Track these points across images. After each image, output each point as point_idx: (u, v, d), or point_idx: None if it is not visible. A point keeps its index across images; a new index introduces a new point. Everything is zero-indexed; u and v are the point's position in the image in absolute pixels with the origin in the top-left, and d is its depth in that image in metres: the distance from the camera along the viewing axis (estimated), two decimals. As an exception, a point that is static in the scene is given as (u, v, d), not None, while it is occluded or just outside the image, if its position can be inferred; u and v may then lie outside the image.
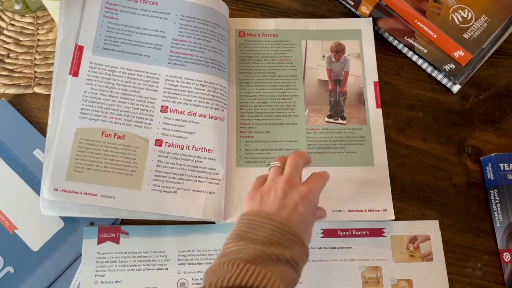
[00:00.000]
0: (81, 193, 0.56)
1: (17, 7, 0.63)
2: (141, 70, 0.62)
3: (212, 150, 0.60)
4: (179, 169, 0.59)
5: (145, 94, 0.61)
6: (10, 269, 0.58)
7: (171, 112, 0.61)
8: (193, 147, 0.60)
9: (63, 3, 0.61)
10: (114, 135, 0.59)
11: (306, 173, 0.52)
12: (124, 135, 0.59)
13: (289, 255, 0.44)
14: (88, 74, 0.61)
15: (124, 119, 0.60)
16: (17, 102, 0.65)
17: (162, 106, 0.61)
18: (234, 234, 0.46)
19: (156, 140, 0.59)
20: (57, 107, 0.59)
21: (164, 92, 0.61)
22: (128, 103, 0.60)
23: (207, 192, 0.58)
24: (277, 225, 0.45)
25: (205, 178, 0.59)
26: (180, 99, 0.61)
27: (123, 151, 0.59)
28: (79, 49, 0.61)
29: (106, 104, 0.60)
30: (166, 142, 0.59)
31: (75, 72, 0.60)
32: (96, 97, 0.60)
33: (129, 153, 0.59)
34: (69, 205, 0.57)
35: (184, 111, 0.61)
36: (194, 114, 0.61)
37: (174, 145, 0.60)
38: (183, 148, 0.59)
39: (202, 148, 0.60)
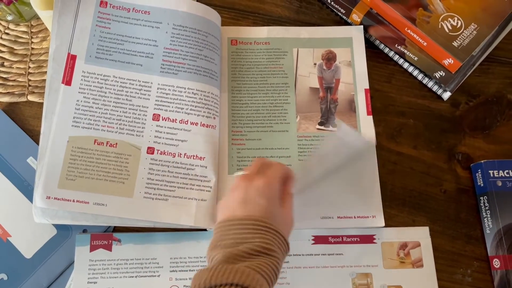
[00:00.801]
0: (73, 201, 0.57)
1: (9, 17, 0.64)
2: (133, 78, 0.62)
3: (204, 157, 0.60)
4: (171, 176, 0.59)
5: (137, 103, 0.61)
6: (3, 276, 0.58)
7: (163, 120, 0.61)
8: (184, 154, 0.60)
9: (56, 13, 0.62)
10: (107, 143, 0.60)
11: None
12: (116, 143, 0.60)
13: (257, 245, 0.45)
14: (80, 83, 0.61)
15: (117, 127, 0.60)
16: (11, 110, 0.66)
17: (154, 114, 0.61)
18: (209, 247, 0.48)
19: (148, 148, 0.60)
20: (49, 116, 0.60)
21: (156, 100, 0.62)
22: (120, 112, 0.61)
23: (199, 200, 0.59)
24: (240, 222, 0.47)
25: (196, 185, 0.59)
26: (172, 107, 0.62)
27: (115, 159, 0.59)
28: (71, 58, 0.62)
29: (99, 113, 0.60)
30: (158, 150, 0.60)
31: (67, 81, 0.61)
32: (88, 105, 0.61)
33: (121, 161, 0.59)
34: (61, 212, 0.57)
35: (176, 119, 0.61)
36: (186, 122, 0.61)
37: (166, 153, 0.60)
38: (174, 156, 0.60)
39: (193, 156, 0.60)
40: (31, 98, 0.66)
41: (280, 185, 0.51)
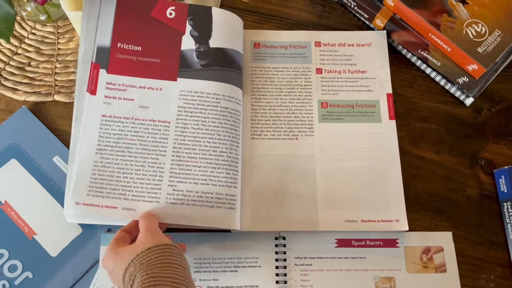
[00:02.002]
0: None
1: (42, 17, 0.65)
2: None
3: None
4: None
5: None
6: (29, 274, 0.59)
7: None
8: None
9: (85, 16, 0.62)
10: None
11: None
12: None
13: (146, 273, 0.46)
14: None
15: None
16: (37, 109, 0.66)
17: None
18: None
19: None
20: (79, 119, 0.60)
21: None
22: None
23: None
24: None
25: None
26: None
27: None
28: (95, 68, 0.62)
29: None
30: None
31: (92, 90, 0.61)
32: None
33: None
34: (90, 216, 0.58)
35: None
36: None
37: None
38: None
39: None
40: (57, 98, 0.66)
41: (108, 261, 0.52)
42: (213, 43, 0.64)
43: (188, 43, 0.64)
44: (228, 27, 0.66)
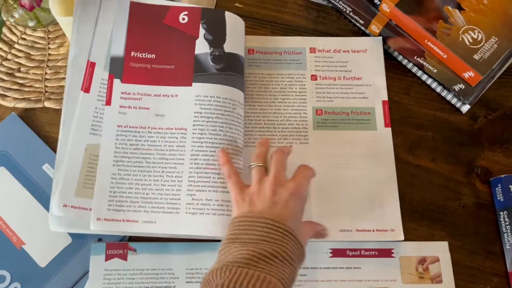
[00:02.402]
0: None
1: (30, 23, 0.64)
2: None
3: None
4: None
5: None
6: (17, 285, 0.57)
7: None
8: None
9: (76, 20, 0.61)
10: None
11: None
12: None
13: (283, 251, 0.44)
14: (99, 90, 0.61)
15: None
16: (27, 116, 0.65)
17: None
18: (226, 239, 0.46)
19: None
20: (68, 123, 0.59)
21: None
22: None
23: None
24: (268, 222, 0.45)
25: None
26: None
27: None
28: (91, 66, 0.61)
29: None
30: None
31: (86, 88, 0.60)
32: None
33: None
34: (77, 221, 0.56)
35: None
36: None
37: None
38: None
39: None
40: (47, 104, 0.65)
41: (307, 191, 0.50)
42: (227, 47, 0.64)
43: (202, 47, 0.63)
44: (238, 31, 0.66)
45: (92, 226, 0.56)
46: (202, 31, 0.64)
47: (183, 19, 0.64)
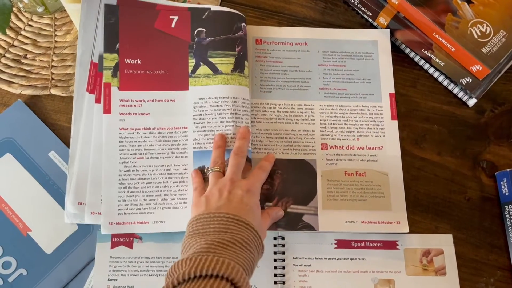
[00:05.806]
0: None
1: (39, 9, 0.63)
2: None
3: None
4: None
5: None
6: (23, 271, 0.58)
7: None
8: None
9: (83, 13, 0.61)
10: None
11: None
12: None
13: (240, 238, 0.47)
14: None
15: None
16: (33, 103, 0.65)
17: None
18: (185, 236, 0.49)
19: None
20: (78, 120, 0.60)
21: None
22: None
23: None
24: (224, 215, 0.48)
25: None
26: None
27: None
28: (94, 66, 0.61)
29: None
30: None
31: (91, 90, 0.60)
32: None
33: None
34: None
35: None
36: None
37: None
38: None
39: None
40: (54, 91, 0.65)
41: (260, 187, 0.54)
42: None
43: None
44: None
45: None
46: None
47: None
